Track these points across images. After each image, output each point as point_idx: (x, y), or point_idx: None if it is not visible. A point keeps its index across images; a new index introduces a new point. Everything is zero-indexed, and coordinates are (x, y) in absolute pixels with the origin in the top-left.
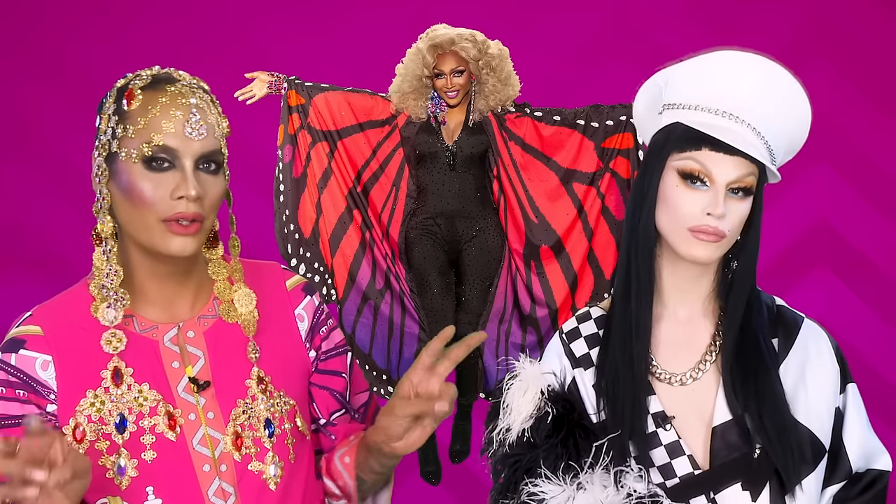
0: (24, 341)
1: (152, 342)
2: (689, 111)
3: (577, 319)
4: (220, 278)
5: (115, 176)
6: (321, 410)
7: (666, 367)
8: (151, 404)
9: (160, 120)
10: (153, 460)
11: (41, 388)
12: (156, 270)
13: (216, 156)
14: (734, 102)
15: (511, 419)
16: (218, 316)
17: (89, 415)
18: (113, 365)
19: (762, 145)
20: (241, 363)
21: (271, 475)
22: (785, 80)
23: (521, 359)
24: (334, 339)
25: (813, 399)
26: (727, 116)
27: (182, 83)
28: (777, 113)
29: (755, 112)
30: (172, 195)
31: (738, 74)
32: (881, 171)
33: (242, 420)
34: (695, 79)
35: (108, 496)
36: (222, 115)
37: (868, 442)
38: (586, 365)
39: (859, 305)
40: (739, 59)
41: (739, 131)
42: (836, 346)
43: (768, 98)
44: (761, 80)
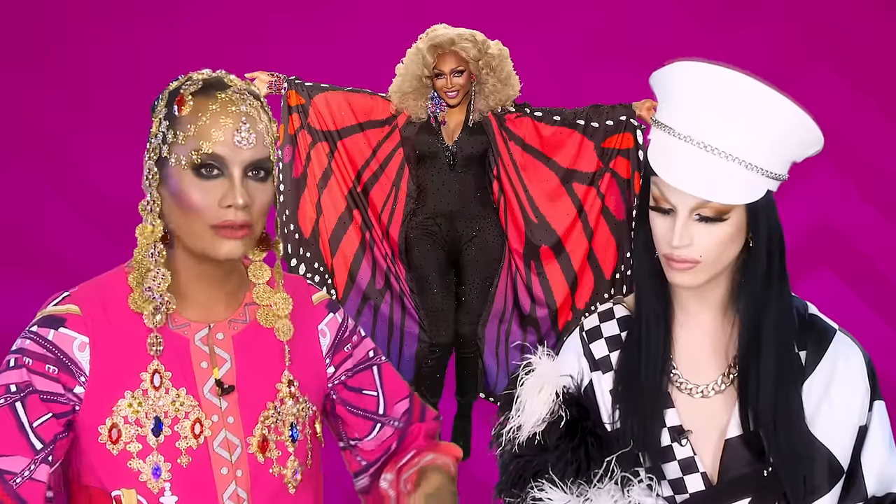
0: (65, 319)
1: (183, 339)
2: (656, 128)
3: (600, 317)
4: (260, 281)
5: (165, 180)
6: (354, 431)
7: (689, 376)
8: (187, 409)
9: (210, 128)
10: (181, 462)
11: (74, 368)
12: (201, 273)
13: (265, 163)
14: (691, 124)
15: (523, 419)
16: (249, 321)
17: (126, 416)
18: (153, 368)
19: (729, 165)
20: (272, 367)
21: (291, 478)
22: (754, 93)
23: (539, 351)
24: (358, 355)
25: (837, 417)
26: (682, 139)
27: (233, 90)
28: (749, 129)
29: (716, 132)
30: (221, 203)
31: (696, 92)
32: (882, 171)
33: (270, 423)
34: (658, 91)
35: (123, 489)
36: (273, 121)
37: (889, 465)
38: (605, 368)
39: (859, 305)
40: (699, 75)
41: (694, 155)
42: (869, 360)
43: (732, 115)
44: (723, 97)
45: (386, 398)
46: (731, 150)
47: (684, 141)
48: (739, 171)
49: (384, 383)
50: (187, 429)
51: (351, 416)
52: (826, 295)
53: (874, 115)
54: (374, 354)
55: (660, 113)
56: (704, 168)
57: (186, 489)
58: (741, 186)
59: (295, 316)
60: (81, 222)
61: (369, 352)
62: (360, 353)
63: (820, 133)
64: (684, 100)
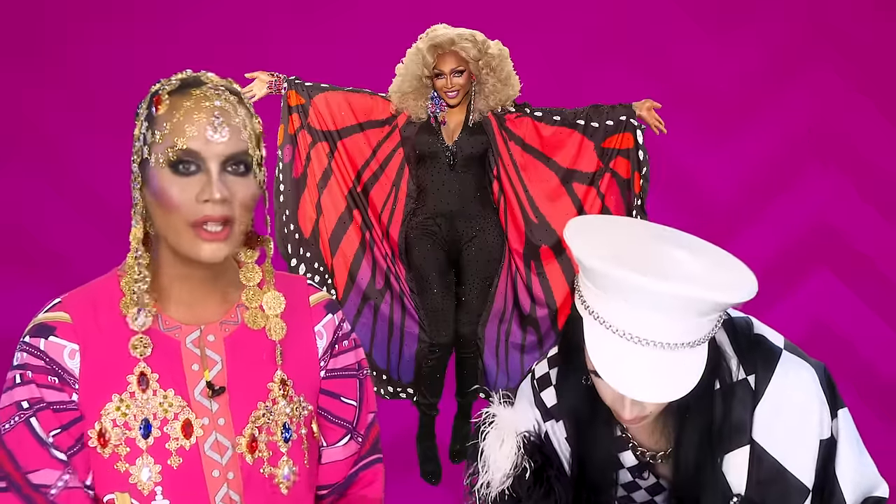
0: (55, 328)
1: (174, 342)
2: (593, 320)
3: (549, 363)
4: (251, 283)
5: (147, 181)
6: (323, 436)
7: (644, 444)
8: (176, 410)
9: (184, 124)
10: (171, 463)
11: (67, 377)
12: (185, 274)
13: (243, 157)
14: (630, 322)
15: (490, 475)
16: (240, 323)
17: (114, 419)
18: (139, 370)
19: (676, 353)
20: (263, 366)
21: (283, 479)
22: (687, 297)
23: (495, 402)
24: (344, 360)
25: (794, 435)
26: (626, 337)
27: (208, 86)
28: (684, 316)
29: (655, 326)
30: (198, 198)
31: (630, 295)
32: (882, 171)
33: (262, 423)
34: (592, 282)
35: (117, 492)
36: (253, 116)
37: (863, 472)
38: (558, 416)
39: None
40: (630, 283)
41: (640, 356)
42: (824, 372)
43: (666, 310)
44: (657, 300)
45: (361, 411)
46: (677, 339)
47: (629, 340)
48: (685, 353)
49: (364, 396)
50: (178, 430)
51: (325, 422)
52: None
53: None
54: (360, 367)
55: (592, 301)
56: (654, 368)
57: (178, 492)
58: (690, 368)
59: (290, 316)
60: (81, 222)
61: (359, 362)
62: (350, 359)
63: (749, 293)
64: (620, 301)
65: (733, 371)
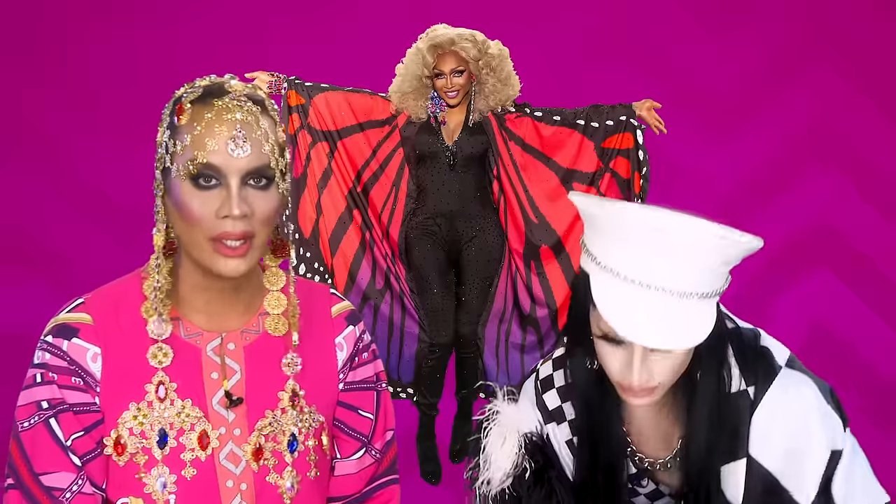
0: (78, 330)
1: (195, 349)
2: (596, 267)
3: (554, 365)
4: (274, 288)
5: (169, 190)
6: (338, 448)
7: (644, 451)
8: (193, 421)
9: (204, 137)
10: (185, 474)
11: (90, 379)
12: (206, 284)
13: (265, 171)
14: (636, 268)
15: (490, 473)
16: (261, 332)
17: (131, 427)
18: (158, 380)
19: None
20: (277, 376)
21: (286, 489)
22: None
23: (499, 398)
24: (363, 373)
25: (788, 450)
26: (632, 282)
27: (231, 96)
28: (690, 261)
29: (662, 273)
30: (218, 214)
31: (632, 235)
32: (881, 171)
33: (267, 431)
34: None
35: (131, 496)
36: (277, 124)
37: (865, 490)
38: (559, 419)
39: (859, 305)
40: (634, 219)
41: (647, 301)
42: (828, 391)
43: (672, 254)
44: (661, 239)
45: (377, 424)
46: (684, 288)
47: (635, 284)
48: (692, 304)
49: (381, 409)
50: (194, 441)
51: (340, 434)
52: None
53: (874, 115)
54: (378, 379)
55: (597, 251)
56: (662, 314)
57: (192, 502)
58: (698, 320)
59: (311, 326)
60: (81, 222)
61: (378, 374)
62: (369, 371)
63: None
64: (623, 242)
65: (734, 380)
